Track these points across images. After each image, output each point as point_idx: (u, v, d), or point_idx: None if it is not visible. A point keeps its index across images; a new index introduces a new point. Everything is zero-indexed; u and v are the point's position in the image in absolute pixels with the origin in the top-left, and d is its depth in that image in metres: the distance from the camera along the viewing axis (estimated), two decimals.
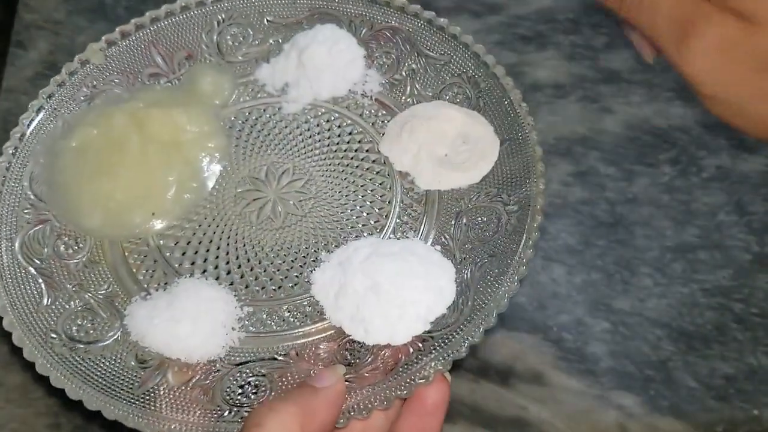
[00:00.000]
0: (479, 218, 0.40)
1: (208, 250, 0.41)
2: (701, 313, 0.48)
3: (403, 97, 0.45)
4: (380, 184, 0.43)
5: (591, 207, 0.51)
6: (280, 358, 0.37)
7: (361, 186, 0.43)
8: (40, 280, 0.38)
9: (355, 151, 0.44)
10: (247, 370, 0.36)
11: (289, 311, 0.39)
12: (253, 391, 0.35)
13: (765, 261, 0.50)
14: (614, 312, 0.48)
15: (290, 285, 0.40)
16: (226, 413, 0.34)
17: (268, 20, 0.47)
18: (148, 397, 0.34)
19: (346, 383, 0.33)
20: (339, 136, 0.45)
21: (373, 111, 0.45)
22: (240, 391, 0.35)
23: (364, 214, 0.42)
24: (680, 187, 0.52)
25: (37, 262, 0.39)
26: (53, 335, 0.36)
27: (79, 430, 0.45)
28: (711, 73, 0.31)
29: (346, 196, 0.43)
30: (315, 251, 0.40)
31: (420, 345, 0.35)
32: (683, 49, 0.31)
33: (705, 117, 0.54)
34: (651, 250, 0.50)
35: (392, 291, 0.36)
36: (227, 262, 0.40)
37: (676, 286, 0.49)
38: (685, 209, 0.51)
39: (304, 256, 0.40)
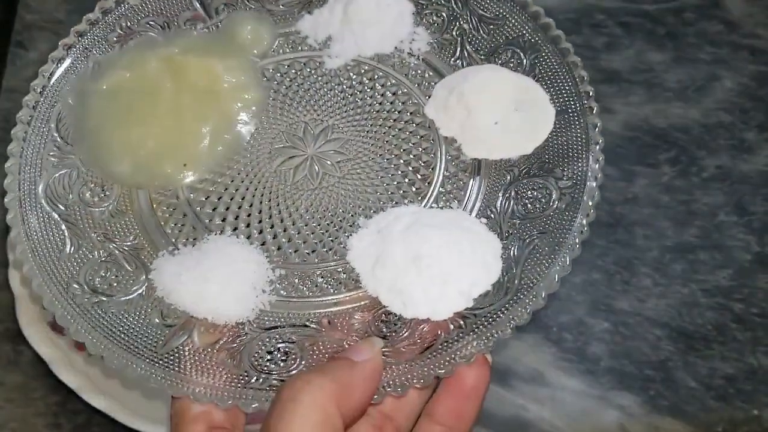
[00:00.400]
0: (529, 192, 0.38)
1: (239, 207, 0.39)
2: (701, 313, 0.49)
3: (452, 59, 0.43)
4: (424, 149, 0.40)
5: None
6: (311, 325, 0.35)
7: (404, 150, 0.40)
8: (64, 227, 0.36)
9: (399, 112, 0.42)
10: (277, 336, 0.34)
11: (322, 277, 0.37)
12: (282, 358, 0.33)
13: (765, 261, 0.50)
14: (614, 312, 0.49)
15: (324, 249, 0.38)
16: (253, 379, 0.32)
17: None
18: (172, 357, 0.33)
19: (382, 357, 0.31)
20: (382, 95, 0.42)
21: (419, 71, 0.43)
22: (269, 357, 0.33)
23: (405, 180, 0.40)
24: (680, 187, 0.53)
25: (61, 208, 0.37)
26: (75, 285, 0.34)
27: (80, 430, 0.45)
28: None
29: (387, 159, 0.40)
30: (352, 216, 0.38)
31: (461, 322, 0.33)
32: None
33: (705, 117, 0.55)
34: (651, 250, 0.51)
35: (434, 264, 0.34)
36: (259, 221, 0.38)
37: (676, 286, 0.50)
38: (685, 209, 0.52)
39: (340, 220, 0.38)
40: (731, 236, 0.51)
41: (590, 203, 0.35)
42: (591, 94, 0.38)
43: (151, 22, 0.43)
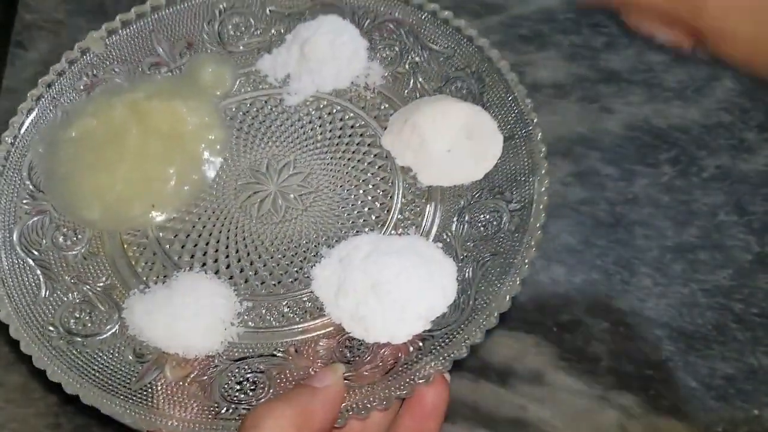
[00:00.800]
0: (482, 216, 0.40)
1: (207, 244, 0.41)
2: (701, 313, 0.48)
3: (406, 91, 0.45)
4: (382, 178, 0.42)
5: (591, 207, 0.51)
6: (279, 354, 0.36)
7: (363, 180, 0.42)
8: (39, 272, 0.38)
9: (357, 144, 0.44)
10: (246, 366, 0.36)
11: (288, 307, 0.39)
12: (251, 387, 0.35)
13: (765, 261, 0.50)
14: (614, 312, 0.48)
15: (290, 280, 0.39)
16: (223, 410, 0.34)
17: (270, 10, 0.46)
18: (145, 393, 0.34)
19: (345, 382, 0.33)
20: (341, 129, 0.44)
21: (375, 104, 0.45)
22: (238, 387, 0.35)
23: (366, 209, 0.41)
24: (680, 187, 0.52)
25: (36, 253, 0.39)
26: (51, 328, 0.36)
27: (80, 430, 0.45)
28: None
29: (348, 190, 0.42)
30: (315, 246, 0.40)
31: (420, 344, 0.35)
32: None
33: (705, 117, 0.54)
34: (651, 250, 0.50)
35: (393, 291, 0.36)
36: (227, 256, 0.40)
37: (676, 286, 0.49)
38: (685, 209, 0.51)
39: (304, 251, 0.40)
40: (731, 236, 0.50)
41: (537, 225, 0.37)
42: (535, 120, 0.41)
43: (116, 69, 0.45)
